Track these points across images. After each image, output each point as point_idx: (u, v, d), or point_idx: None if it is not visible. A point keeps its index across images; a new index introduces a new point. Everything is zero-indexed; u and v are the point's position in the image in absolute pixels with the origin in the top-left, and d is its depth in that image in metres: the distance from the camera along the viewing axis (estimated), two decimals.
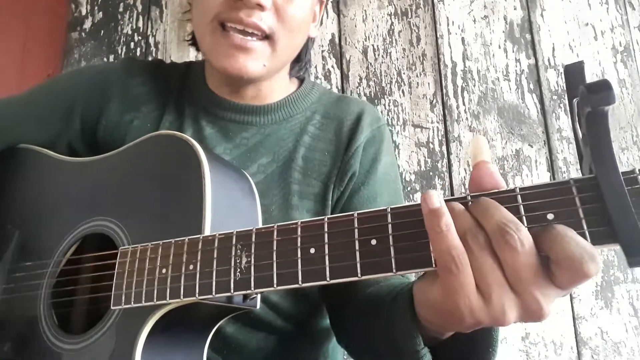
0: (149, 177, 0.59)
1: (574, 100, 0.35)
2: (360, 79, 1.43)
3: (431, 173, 1.34)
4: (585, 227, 0.33)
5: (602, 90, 0.32)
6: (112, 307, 0.51)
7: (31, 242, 0.66)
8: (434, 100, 1.39)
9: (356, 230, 0.39)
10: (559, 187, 0.35)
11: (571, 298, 1.21)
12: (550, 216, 0.34)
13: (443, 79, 1.40)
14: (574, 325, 1.20)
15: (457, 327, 0.37)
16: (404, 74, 1.42)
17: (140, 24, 1.58)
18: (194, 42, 0.77)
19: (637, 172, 0.32)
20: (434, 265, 0.36)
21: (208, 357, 0.57)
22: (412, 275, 0.64)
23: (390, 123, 1.38)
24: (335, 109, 0.77)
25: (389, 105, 1.39)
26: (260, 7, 0.61)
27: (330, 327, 0.77)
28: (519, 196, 0.35)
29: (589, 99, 0.33)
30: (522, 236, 0.33)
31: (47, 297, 0.60)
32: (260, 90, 0.73)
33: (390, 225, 0.38)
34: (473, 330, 0.37)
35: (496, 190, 0.36)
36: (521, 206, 0.35)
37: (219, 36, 0.63)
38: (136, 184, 0.60)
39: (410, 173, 1.34)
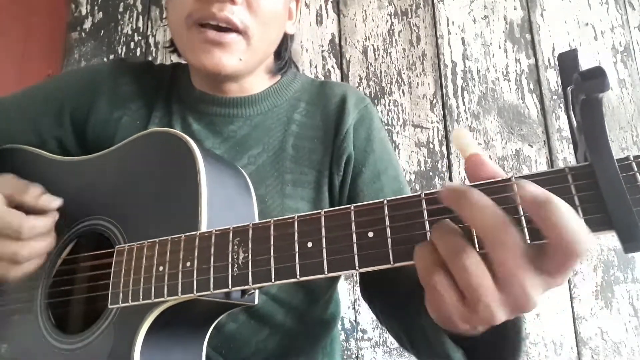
0: (144, 175, 0.59)
1: (568, 88, 0.36)
2: (360, 79, 1.43)
3: (431, 173, 1.34)
4: (581, 214, 0.33)
5: (596, 77, 0.33)
6: (109, 306, 0.51)
7: None
8: (434, 100, 1.39)
9: (353, 223, 0.40)
10: (555, 175, 0.35)
11: (571, 298, 1.21)
12: None
13: (443, 79, 1.40)
14: (574, 325, 1.20)
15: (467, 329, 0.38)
16: (404, 74, 1.42)
17: (140, 24, 1.58)
18: (174, 49, 0.79)
19: (632, 159, 0.33)
20: None
21: (207, 356, 0.57)
22: None
23: (390, 123, 1.38)
24: (318, 94, 0.78)
25: (389, 105, 1.39)
26: (232, 0, 0.62)
27: (328, 319, 0.79)
28: (515, 185, 0.35)
29: (583, 86, 0.33)
30: (512, 232, 0.33)
31: (44, 297, 0.59)
32: (242, 86, 0.75)
33: (387, 218, 0.38)
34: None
35: (492, 180, 0.36)
36: (517, 195, 0.35)
37: (194, 32, 0.64)
38: (131, 182, 0.59)
39: (410, 173, 1.34)
